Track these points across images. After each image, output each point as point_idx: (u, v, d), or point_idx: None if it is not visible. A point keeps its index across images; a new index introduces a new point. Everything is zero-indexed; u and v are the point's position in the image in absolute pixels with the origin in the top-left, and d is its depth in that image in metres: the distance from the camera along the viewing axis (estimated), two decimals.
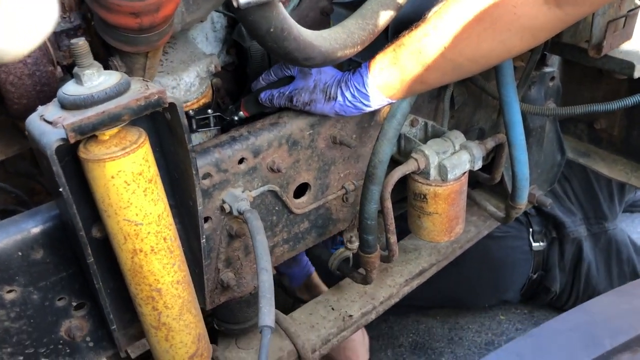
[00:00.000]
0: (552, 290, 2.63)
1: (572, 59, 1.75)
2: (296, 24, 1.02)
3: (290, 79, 1.42)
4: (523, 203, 1.72)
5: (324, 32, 1.11)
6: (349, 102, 1.32)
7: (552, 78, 1.95)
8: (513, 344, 0.90)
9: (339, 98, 1.32)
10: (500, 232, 2.48)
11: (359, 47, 1.16)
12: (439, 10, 1.20)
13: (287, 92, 1.38)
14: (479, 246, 2.41)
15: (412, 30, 1.24)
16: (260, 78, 1.46)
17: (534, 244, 2.57)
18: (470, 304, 2.70)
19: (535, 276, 2.61)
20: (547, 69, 1.90)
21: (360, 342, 2.42)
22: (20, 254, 1.10)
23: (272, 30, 0.94)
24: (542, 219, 2.61)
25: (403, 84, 1.27)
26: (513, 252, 2.54)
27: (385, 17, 1.20)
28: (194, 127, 1.43)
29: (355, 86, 1.30)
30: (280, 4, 0.96)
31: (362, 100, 1.31)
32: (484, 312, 2.72)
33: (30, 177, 1.42)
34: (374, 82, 1.28)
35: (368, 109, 1.33)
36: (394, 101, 1.32)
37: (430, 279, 2.02)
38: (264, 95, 1.41)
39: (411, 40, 1.23)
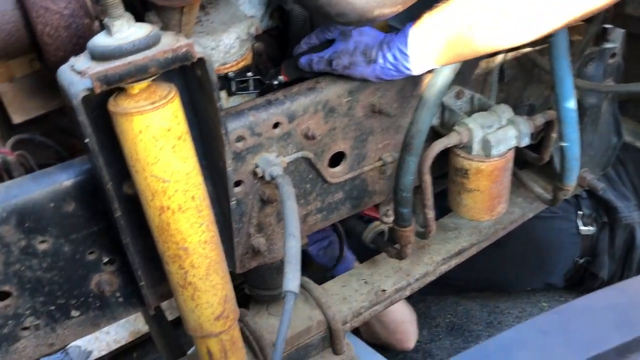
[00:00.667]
0: (599, 277, 2.51)
1: (637, 33, 1.64)
2: None
3: (332, 42, 1.38)
4: (571, 185, 1.63)
5: None
6: (391, 64, 1.26)
7: (613, 55, 1.82)
8: (538, 319, 0.85)
9: (380, 60, 1.27)
10: (547, 212, 2.36)
11: (399, 6, 1.10)
12: None
13: (326, 56, 1.34)
14: (523, 225, 2.33)
15: None
16: (302, 42, 1.43)
17: (582, 228, 2.45)
18: (512, 286, 2.62)
19: (581, 261, 2.50)
20: (608, 45, 1.78)
21: (410, 322, 2.39)
22: (52, 205, 1.11)
23: None
24: (592, 202, 2.49)
25: (450, 47, 1.19)
26: (559, 234, 2.44)
27: None
28: (233, 89, 1.41)
29: (398, 48, 1.24)
30: None
31: (404, 63, 1.25)
32: (525, 298, 2.64)
33: (70, 134, 1.43)
34: (419, 44, 1.21)
35: (410, 73, 1.27)
36: (438, 67, 1.26)
37: (471, 260, 1.96)
38: (303, 60, 1.38)
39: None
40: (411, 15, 1.20)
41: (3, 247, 1.10)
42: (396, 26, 1.92)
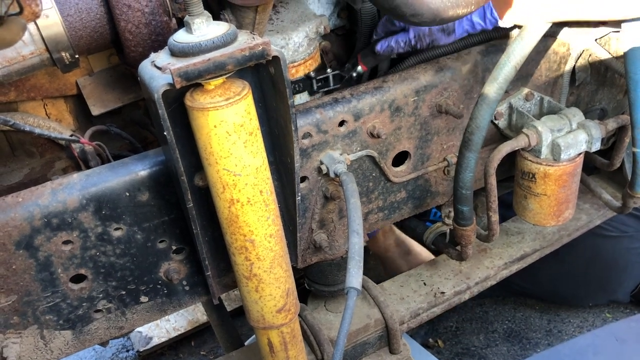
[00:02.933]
0: None
1: None
2: None
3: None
4: None
5: None
6: (465, 28, 1.30)
7: None
8: (615, 326, 0.82)
9: (457, 29, 1.30)
10: (616, 231, 2.29)
11: (473, 6, 1.09)
12: None
13: (406, 40, 1.37)
14: (589, 244, 2.25)
15: None
16: (378, 28, 1.45)
17: None
18: (573, 301, 2.54)
19: None
20: None
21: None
22: (127, 194, 1.16)
23: None
24: None
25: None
26: (628, 253, 2.33)
27: None
28: (314, 88, 1.44)
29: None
30: None
31: (476, 20, 1.28)
32: (587, 307, 2.56)
33: (144, 127, 1.49)
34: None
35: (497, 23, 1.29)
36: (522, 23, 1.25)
37: (533, 270, 1.92)
38: (380, 46, 1.40)
39: None
40: None
41: (81, 232, 1.15)
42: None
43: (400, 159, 1.48)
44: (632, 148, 1.50)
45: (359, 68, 1.43)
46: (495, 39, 1.47)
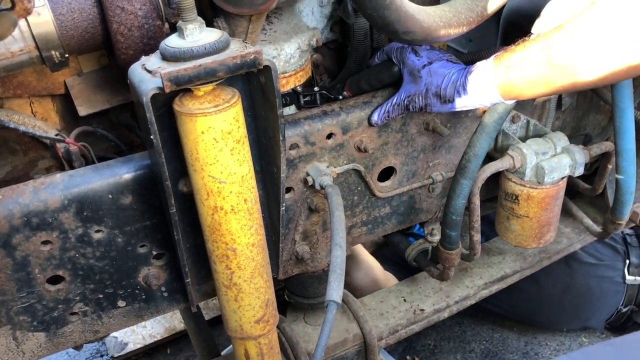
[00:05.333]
0: None
1: None
2: None
3: (394, 82, 1.37)
4: (624, 218, 1.59)
5: (429, 8, 1.07)
6: (468, 102, 1.23)
7: None
8: (591, 349, 0.83)
9: (456, 100, 1.23)
10: (592, 259, 2.31)
11: (464, 27, 1.11)
12: (589, 8, 1.04)
13: (400, 102, 1.32)
14: (565, 269, 2.27)
15: (550, 30, 1.10)
16: (377, 55, 1.43)
17: (628, 277, 2.36)
18: (548, 325, 2.55)
19: (625, 310, 2.41)
20: None
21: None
22: (110, 197, 1.15)
23: None
24: None
25: (529, 85, 1.13)
26: (602, 281, 2.35)
27: (496, 0, 1.14)
28: (301, 103, 1.44)
29: (475, 86, 1.19)
30: None
31: (481, 101, 1.21)
32: (565, 331, 2.57)
33: (130, 130, 1.48)
34: (496, 81, 1.16)
35: (483, 108, 1.26)
36: (510, 102, 1.22)
37: (510, 292, 1.93)
38: (378, 117, 1.35)
39: (545, 39, 1.09)
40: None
41: (61, 233, 1.14)
42: (454, 47, 1.92)
43: (386, 174, 1.49)
44: (615, 175, 1.52)
45: (345, 93, 1.44)
46: None
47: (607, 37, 1.01)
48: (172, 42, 0.96)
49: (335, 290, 1.07)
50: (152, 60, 0.98)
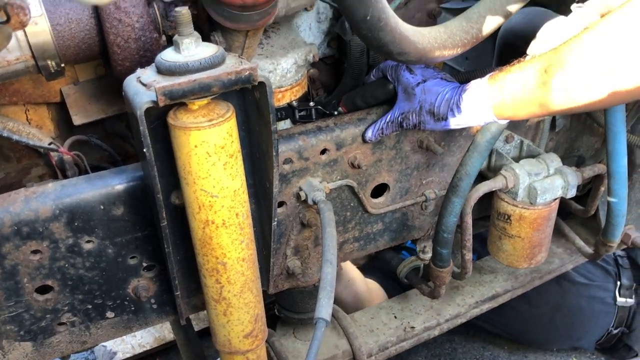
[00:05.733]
0: (634, 350, 2.42)
1: None
2: (395, 15, 0.99)
3: (389, 99, 1.38)
4: (615, 241, 1.60)
5: (425, 29, 1.08)
6: (462, 121, 1.23)
7: None
8: None
9: (450, 119, 1.23)
10: (584, 278, 2.32)
11: (459, 49, 1.11)
12: (584, 32, 1.04)
13: (394, 119, 1.33)
14: (556, 288, 2.28)
15: (544, 52, 1.10)
16: (374, 72, 1.44)
17: (619, 299, 2.35)
18: (539, 344, 2.55)
19: (616, 331, 2.41)
20: None
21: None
22: (102, 207, 1.15)
23: (368, 17, 0.92)
24: (634, 274, 2.40)
25: (523, 106, 1.13)
26: (593, 302, 2.35)
27: (491, 23, 1.15)
28: (296, 117, 1.44)
29: (469, 105, 1.19)
30: None
31: (475, 120, 1.21)
32: (555, 351, 2.57)
33: (125, 140, 1.48)
34: (491, 101, 1.16)
35: (477, 125, 1.26)
36: (504, 122, 1.22)
37: (501, 310, 1.93)
38: (372, 134, 1.36)
39: (541, 61, 1.09)
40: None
41: (51, 242, 1.14)
42: (451, 65, 1.94)
43: (379, 190, 1.49)
44: (607, 197, 1.53)
45: (341, 109, 1.44)
46: None
47: (602, 63, 1.01)
48: (168, 55, 0.96)
49: (324, 308, 1.07)
50: (148, 73, 0.98)
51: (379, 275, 2.18)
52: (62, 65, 1.14)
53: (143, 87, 0.95)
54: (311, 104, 1.45)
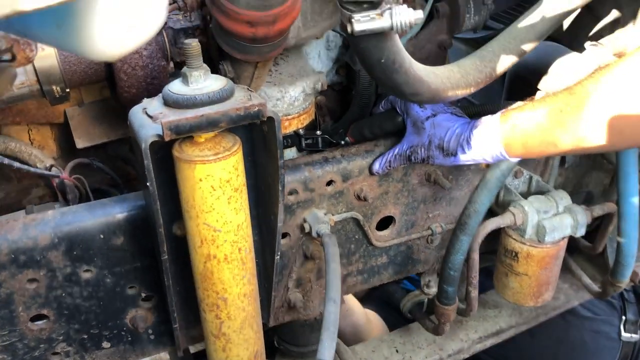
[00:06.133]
0: None
1: None
2: (409, 56, 0.97)
3: (397, 131, 1.36)
4: (625, 281, 1.56)
5: (438, 69, 1.06)
6: (471, 157, 1.20)
7: None
8: None
9: (459, 155, 1.21)
10: (588, 312, 2.27)
11: (472, 88, 1.09)
12: (600, 73, 1.02)
13: (402, 153, 1.30)
14: (560, 321, 2.23)
15: (559, 91, 1.08)
16: (383, 103, 1.42)
17: (624, 334, 2.31)
18: None
19: None
20: None
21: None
22: (102, 236, 1.12)
23: (382, 60, 0.90)
24: None
25: (535, 145, 1.11)
26: (597, 336, 2.30)
27: (506, 62, 1.13)
28: (302, 145, 1.42)
29: (480, 142, 1.16)
30: (396, 36, 0.91)
31: (485, 157, 1.18)
32: None
33: (128, 163, 1.46)
34: (502, 138, 1.14)
35: (486, 163, 1.24)
36: (515, 160, 1.20)
37: (503, 341, 1.89)
38: (379, 167, 1.33)
39: (556, 101, 1.07)
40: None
41: (49, 271, 1.11)
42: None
43: (385, 223, 1.46)
44: (617, 237, 1.50)
45: (347, 139, 1.42)
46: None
47: (619, 106, 0.99)
48: (176, 87, 0.94)
49: (327, 349, 1.04)
50: (154, 105, 0.96)
51: (379, 305, 2.14)
52: (67, 90, 1.13)
53: (149, 119, 0.93)
54: (318, 132, 1.42)
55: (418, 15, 0.83)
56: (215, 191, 0.98)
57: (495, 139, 1.15)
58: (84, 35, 0.39)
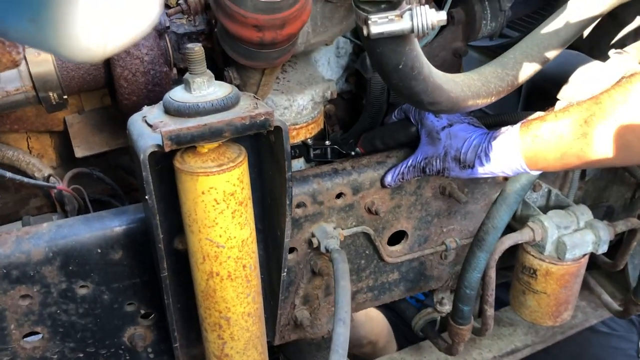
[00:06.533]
0: None
1: None
2: (428, 63, 0.91)
3: (410, 142, 1.30)
4: None
5: (458, 77, 0.99)
6: (490, 170, 1.14)
7: None
8: None
9: (477, 167, 1.14)
10: (605, 327, 2.19)
11: (493, 97, 1.03)
12: (629, 81, 0.96)
13: (416, 164, 1.24)
14: (577, 337, 2.15)
15: (583, 101, 1.03)
16: (396, 112, 1.36)
17: None
18: None
19: None
20: None
21: (382, 340, 2.17)
22: (99, 251, 1.07)
23: (401, 66, 0.84)
24: None
25: (558, 158, 1.05)
26: (615, 353, 2.22)
27: (528, 69, 1.06)
28: (311, 156, 1.36)
29: (499, 154, 1.11)
30: (416, 40, 0.85)
31: (504, 169, 1.12)
32: None
33: (129, 173, 1.41)
34: (523, 150, 1.08)
35: (505, 176, 1.17)
36: (536, 173, 1.14)
37: None
38: (392, 179, 1.27)
39: (580, 111, 1.02)
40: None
41: (43, 287, 1.05)
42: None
43: (397, 238, 1.40)
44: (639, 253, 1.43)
45: (358, 150, 1.36)
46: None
47: None
48: (177, 95, 0.88)
49: None
50: (154, 113, 0.90)
51: (389, 322, 2.08)
52: (65, 97, 1.07)
53: (149, 128, 0.87)
54: (327, 142, 1.36)
55: (441, 16, 0.77)
56: (218, 204, 0.92)
57: (515, 151, 1.08)
58: (62, 31, 0.33)
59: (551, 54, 1.07)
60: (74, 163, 1.38)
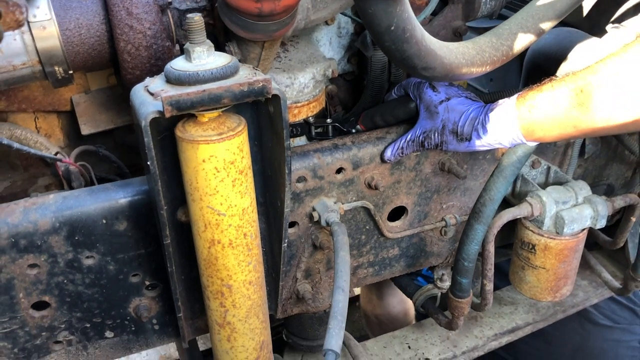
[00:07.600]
0: None
1: None
2: (421, 27, 0.92)
3: (410, 118, 1.32)
4: None
5: (452, 44, 1.01)
6: (487, 142, 1.16)
7: None
8: None
9: (474, 140, 1.17)
10: (608, 320, 2.19)
11: (488, 67, 1.05)
12: (623, 49, 0.98)
13: (415, 138, 1.26)
14: (578, 328, 2.16)
15: (579, 70, 1.04)
16: (395, 89, 1.38)
17: None
18: None
19: None
20: None
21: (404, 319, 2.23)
22: (104, 222, 1.09)
23: (392, 28, 0.86)
24: None
25: (555, 127, 1.07)
26: (617, 345, 2.22)
27: (523, 40, 1.08)
28: (312, 134, 1.38)
29: (496, 125, 1.13)
30: (407, 1, 0.87)
31: (501, 141, 1.15)
32: None
33: (134, 151, 1.43)
34: (520, 121, 1.10)
35: (503, 147, 1.19)
36: (532, 144, 1.16)
37: (518, 345, 1.83)
38: (391, 154, 1.28)
39: (576, 80, 1.03)
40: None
41: (50, 257, 1.08)
42: (475, 86, 1.87)
43: (397, 214, 1.42)
44: (639, 230, 1.44)
45: (359, 127, 1.38)
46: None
47: None
48: (178, 64, 0.91)
49: (334, 339, 0.99)
50: (156, 82, 0.93)
51: None
52: (70, 72, 1.10)
53: (150, 96, 0.90)
54: (328, 120, 1.39)
55: None
56: (219, 173, 0.95)
57: (512, 121, 1.10)
58: None
59: (546, 25, 1.09)
60: (81, 143, 1.42)
